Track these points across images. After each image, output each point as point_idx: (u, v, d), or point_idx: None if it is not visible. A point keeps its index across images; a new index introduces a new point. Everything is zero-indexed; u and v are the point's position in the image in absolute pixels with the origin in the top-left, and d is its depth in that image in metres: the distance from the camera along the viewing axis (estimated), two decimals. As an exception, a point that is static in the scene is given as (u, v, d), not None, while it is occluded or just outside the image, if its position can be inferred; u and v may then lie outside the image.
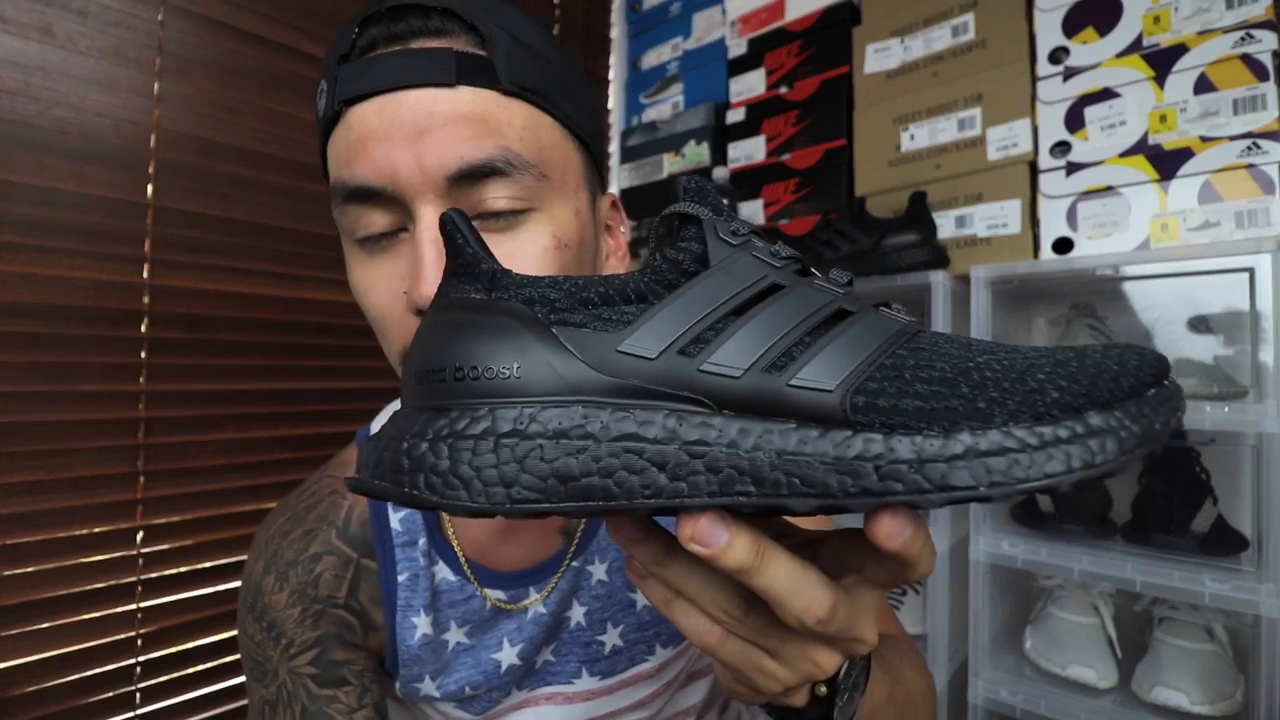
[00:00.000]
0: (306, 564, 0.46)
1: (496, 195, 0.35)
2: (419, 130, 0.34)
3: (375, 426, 0.51)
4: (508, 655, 0.48)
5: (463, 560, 0.48)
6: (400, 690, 0.49)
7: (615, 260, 0.46)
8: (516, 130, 0.36)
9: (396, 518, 0.47)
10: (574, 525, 0.50)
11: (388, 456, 0.22)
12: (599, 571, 0.50)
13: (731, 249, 0.23)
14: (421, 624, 0.47)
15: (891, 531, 0.20)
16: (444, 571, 0.47)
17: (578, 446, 0.20)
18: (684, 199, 0.24)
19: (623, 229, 0.47)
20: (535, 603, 0.48)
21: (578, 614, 0.50)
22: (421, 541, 0.47)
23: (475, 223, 0.35)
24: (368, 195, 0.35)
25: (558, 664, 0.49)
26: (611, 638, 0.50)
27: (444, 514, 0.48)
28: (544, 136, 0.37)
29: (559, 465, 0.20)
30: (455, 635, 0.48)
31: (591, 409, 0.21)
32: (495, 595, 0.48)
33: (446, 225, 0.25)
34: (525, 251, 0.36)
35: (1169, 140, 0.80)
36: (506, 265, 0.32)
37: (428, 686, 0.47)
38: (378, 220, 0.36)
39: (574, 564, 0.49)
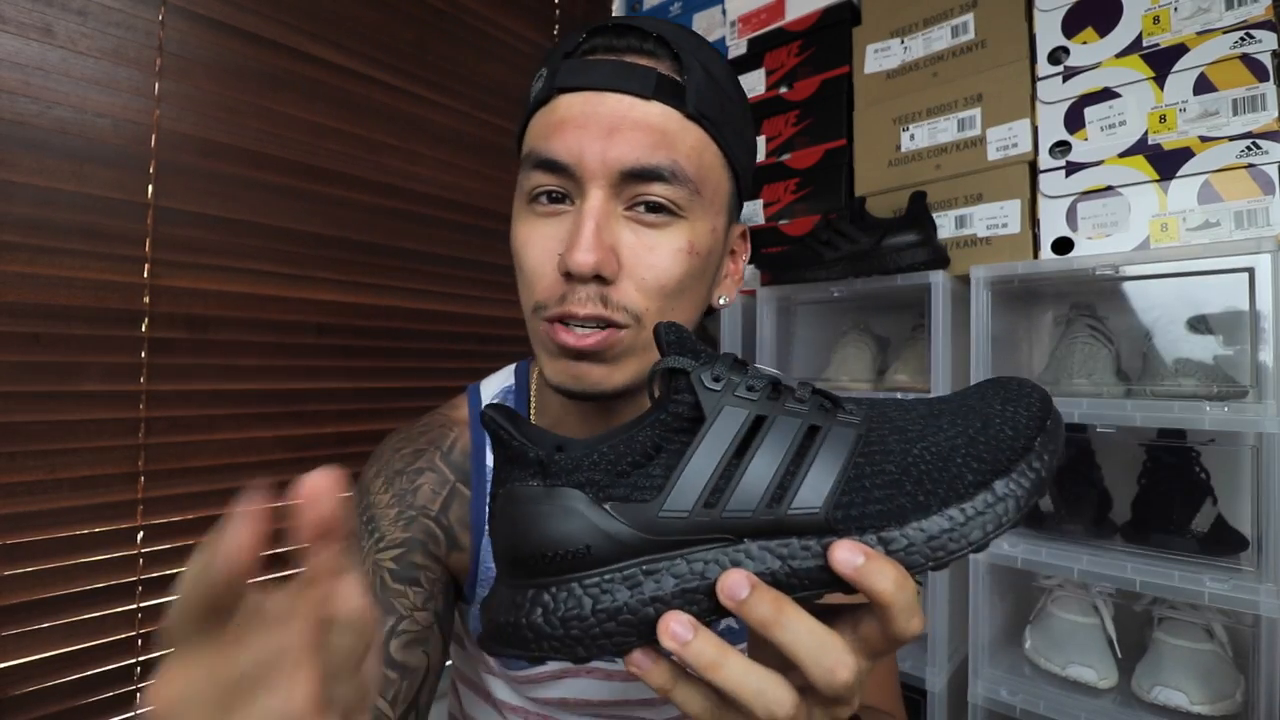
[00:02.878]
0: (411, 475, 0.52)
1: (654, 197, 0.41)
2: (611, 127, 0.40)
3: (484, 387, 0.57)
4: None
5: None
6: (472, 617, 0.54)
7: (730, 282, 0.51)
8: (686, 148, 0.42)
9: (493, 457, 0.51)
10: None
11: (512, 633, 0.28)
12: None
13: (716, 395, 0.28)
14: None
15: (841, 558, 0.25)
16: None
17: (650, 601, 0.27)
18: (668, 353, 0.30)
19: (744, 258, 0.53)
20: None
21: None
22: None
23: (632, 211, 0.41)
24: (553, 167, 0.41)
25: None
26: None
27: None
28: (707, 159, 0.43)
29: (641, 617, 0.27)
30: None
31: (650, 566, 0.27)
32: None
33: (488, 423, 0.30)
34: (663, 248, 0.42)
35: (1169, 140, 0.81)
36: (646, 258, 0.41)
37: None
38: (550, 185, 0.42)
39: None
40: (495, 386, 0.57)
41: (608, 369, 0.42)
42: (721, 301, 0.50)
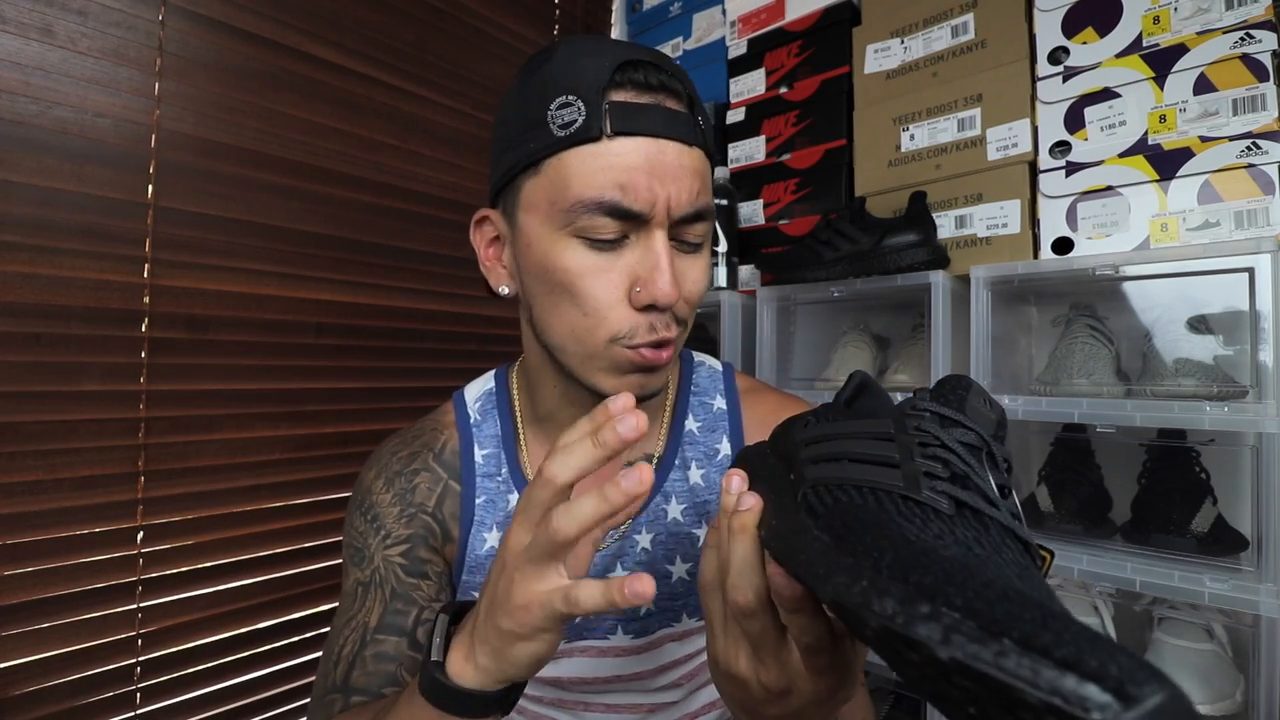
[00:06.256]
0: (408, 475, 0.57)
1: (695, 233, 0.48)
2: (675, 175, 0.44)
3: (468, 392, 0.62)
4: None
5: None
6: (459, 599, 0.56)
7: None
8: (709, 184, 0.48)
9: (480, 453, 0.58)
10: None
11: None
12: (644, 541, 0.56)
13: (897, 405, 0.32)
14: (491, 538, 0.56)
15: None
16: (517, 498, 0.56)
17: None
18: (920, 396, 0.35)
19: None
20: None
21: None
22: (504, 471, 0.57)
23: (673, 244, 0.47)
24: (626, 215, 0.44)
25: (595, 621, 0.56)
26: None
27: (522, 450, 0.58)
28: (711, 189, 0.50)
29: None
30: None
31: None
32: None
33: (859, 381, 0.39)
34: (696, 269, 0.49)
35: (1169, 140, 0.80)
36: (689, 277, 0.48)
37: None
38: (612, 228, 0.45)
39: (625, 530, 0.56)
40: (477, 391, 0.62)
41: (663, 374, 0.49)
42: None
